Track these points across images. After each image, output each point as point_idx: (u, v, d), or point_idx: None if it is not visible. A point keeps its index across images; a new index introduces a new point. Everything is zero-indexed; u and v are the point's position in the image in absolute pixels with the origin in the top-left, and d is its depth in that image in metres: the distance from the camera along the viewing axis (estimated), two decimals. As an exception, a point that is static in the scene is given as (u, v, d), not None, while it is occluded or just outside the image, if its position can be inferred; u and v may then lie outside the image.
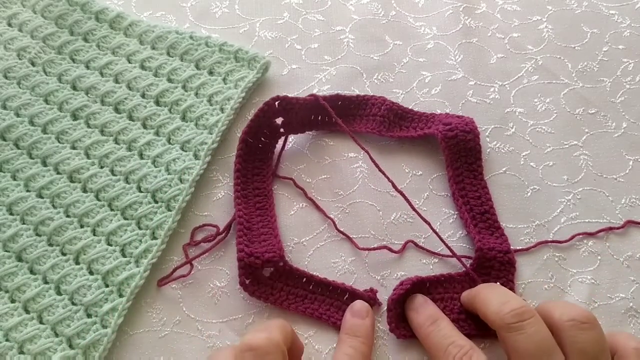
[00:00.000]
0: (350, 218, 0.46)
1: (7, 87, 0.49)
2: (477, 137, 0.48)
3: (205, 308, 0.42)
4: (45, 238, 0.43)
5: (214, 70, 0.51)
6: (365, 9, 0.58)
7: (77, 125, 0.48)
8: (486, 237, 0.44)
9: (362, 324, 0.40)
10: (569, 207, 0.47)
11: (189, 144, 0.47)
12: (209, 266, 0.44)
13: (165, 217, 0.44)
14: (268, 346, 0.32)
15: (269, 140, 0.48)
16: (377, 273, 0.44)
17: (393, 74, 0.54)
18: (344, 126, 0.46)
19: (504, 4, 0.58)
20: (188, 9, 0.57)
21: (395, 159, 0.49)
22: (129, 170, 0.46)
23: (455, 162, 0.47)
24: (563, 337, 0.35)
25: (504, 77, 0.54)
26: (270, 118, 0.47)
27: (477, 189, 0.46)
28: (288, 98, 0.47)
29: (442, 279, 0.43)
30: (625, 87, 0.53)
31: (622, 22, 0.57)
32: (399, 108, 0.50)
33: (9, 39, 0.51)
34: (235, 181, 0.46)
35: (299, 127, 0.49)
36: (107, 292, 0.41)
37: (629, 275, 0.44)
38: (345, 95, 0.50)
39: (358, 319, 0.40)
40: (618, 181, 0.48)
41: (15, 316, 0.40)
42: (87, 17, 0.53)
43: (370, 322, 0.40)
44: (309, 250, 0.45)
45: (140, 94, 0.50)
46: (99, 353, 0.39)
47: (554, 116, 0.51)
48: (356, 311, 0.40)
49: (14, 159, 0.46)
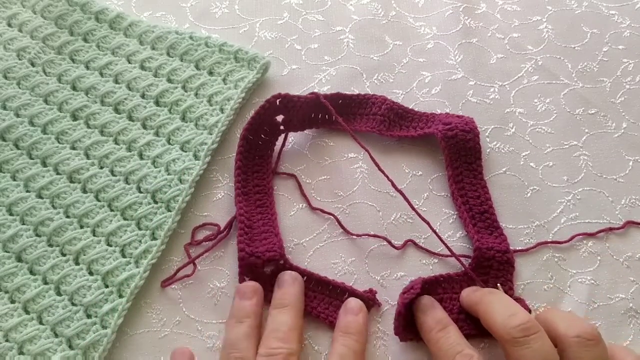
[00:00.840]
0: (350, 219, 0.46)
1: (7, 87, 0.49)
2: (477, 136, 0.48)
3: (205, 308, 0.42)
4: (45, 238, 0.43)
5: (213, 71, 0.51)
6: (365, 9, 0.57)
7: (77, 125, 0.48)
8: (485, 237, 0.44)
9: (355, 320, 0.40)
10: (568, 208, 0.47)
11: (188, 145, 0.47)
12: (209, 266, 0.44)
13: (165, 218, 0.44)
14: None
15: (269, 138, 0.48)
16: (377, 273, 0.44)
17: (393, 74, 0.54)
18: (344, 124, 0.46)
19: (504, 4, 0.58)
20: (188, 9, 0.57)
21: (395, 159, 0.49)
22: (128, 170, 0.46)
23: (455, 162, 0.47)
24: (568, 352, 0.35)
25: (504, 77, 0.54)
26: (271, 115, 0.47)
27: (477, 189, 0.47)
28: (289, 96, 0.47)
29: (441, 279, 0.43)
30: (625, 88, 0.53)
31: (622, 22, 0.57)
32: (400, 107, 0.50)
33: (8, 39, 0.51)
34: (236, 178, 0.46)
35: (300, 125, 0.49)
36: (107, 292, 0.41)
37: (628, 276, 0.44)
38: (346, 94, 0.50)
39: (351, 315, 0.40)
40: (618, 181, 0.48)
41: (15, 317, 0.40)
42: (87, 18, 0.53)
43: (362, 319, 0.40)
44: (308, 251, 0.45)
45: (140, 94, 0.50)
46: (98, 353, 0.39)
47: (553, 116, 0.51)
48: (349, 308, 0.41)
49: (13, 159, 0.46)
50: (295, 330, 0.38)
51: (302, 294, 0.41)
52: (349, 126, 0.49)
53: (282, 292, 0.41)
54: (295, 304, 0.40)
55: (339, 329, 0.40)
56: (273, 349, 0.37)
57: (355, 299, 0.41)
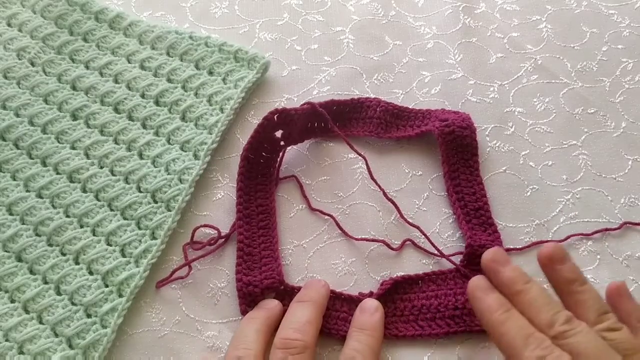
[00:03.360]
0: (350, 219, 0.46)
1: (6, 87, 0.49)
2: (473, 132, 0.48)
3: (205, 308, 0.42)
4: (45, 238, 0.43)
5: (213, 70, 0.51)
6: (365, 9, 0.58)
7: (76, 125, 0.48)
8: (478, 234, 0.44)
9: (370, 319, 0.40)
10: (568, 207, 0.47)
11: (188, 144, 0.47)
12: (209, 266, 0.44)
13: (164, 217, 0.44)
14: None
15: (270, 155, 0.47)
16: (377, 274, 0.44)
17: (393, 74, 0.54)
18: (341, 134, 0.46)
19: (504, 3, 0.58)
20: (188, 9, 0.57)
21: (395, 159, 0.49)
22: (128, 170, 0.46)
23: (451, 158, 0.47)
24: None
25: (504, 77, 0.54)
26: (270, 132, 0.46)
27: (473, 185, 0.47)
28: (287, 110, 0.45)
29: (434, 276, 0.43)
30: (625, 87, 0.53)
31: (621, 21, 0.57)
32: (395, 107, 0.50)
33: (8, 39, 0.51)
34: (237, 200, 0.45)
35: (299, 137, 0.48)
36: (107, 292, 0.41)
37: (628, 275, 0.44)
38: (339, 100, 0.50)
39: (367, 314, 0.40)
40: (617, 181, 0.48)
41: (15, 316, 0.40)
42: (86, 17, 0.53)
43: (379, 317, 0.40)
44: (308, 252, 0.45)
45: (140, 94, 0.50)
46: (98, 353, 0.39)
47: (553, 116, 0.52)
48: (365, 308, 0.40)
49: (13, 159, 0.46)
50: (312, 324, 0.38)
51: (327, 297, 0.41)
52: (346, 132, 0.49)
53: (307, 290, 0.41)
54: (317, 300, 0.40)
55: (354, 326, 0.40)
56: (289, 339, 0.37)
57: (372, 299, 0.41)
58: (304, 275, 0.44)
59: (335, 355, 0.41)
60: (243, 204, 0.45)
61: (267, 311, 0.40)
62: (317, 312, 0.39)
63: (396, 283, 0.42)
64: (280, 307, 0.41)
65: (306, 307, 0.39)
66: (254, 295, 0.41)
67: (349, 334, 0.39)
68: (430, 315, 0.42)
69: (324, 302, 0.40)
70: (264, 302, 0.41)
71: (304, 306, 0.39)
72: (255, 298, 0.41)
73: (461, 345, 0.41)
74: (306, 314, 0.39)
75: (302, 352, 0.36)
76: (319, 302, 0.40)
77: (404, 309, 0.42)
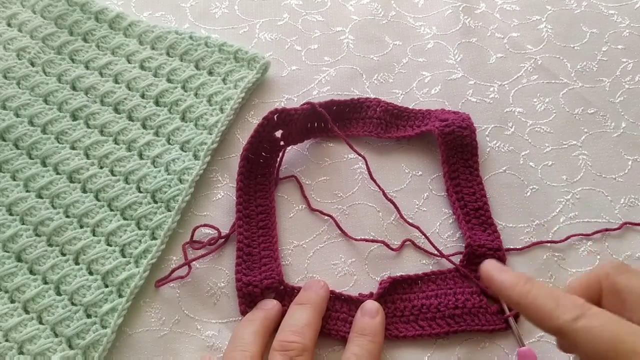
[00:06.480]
0: (349, 219, 0.46)
1: (6, 87, 0.49)
2: (473, 132, 0.48)
3: (205, 308, 0.42)
4: (44, 238, 0.43)
5: (213, 71, 0.51)
6: (364, 9, 0.58)
7: (76, 125, 0.48)
8: (478, 234, 0.44)
9: (371, 322, 0.40)
10: (568, 207, 0.47)
11: (188, 144, 0.47)
12: (208, 265, 0.44)
13: (164, 218, 0.44)
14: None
15: (269, 155, 0.47)
16: (377, 274, 0.44)
17: (393, 74, 0.54)
18: (341, 134, 0.46)
19: (504, 3, 0.58)
20: (188, 9, 0.57)
21: (395, 159, 0.49)
22: (128, 170, 0.46)
23: (451, 158, 0.47)
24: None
25: (504, 77, 0.54)
26: (270, 132, 0.46)
27: (472, 185, 0.47)
28: (286, 110, 0.46)
29: (434, 276, 0.43)
30: (625, 87, 0.53)
31: (621, 22, 0.57)
32: (394, 107, 0.50)
33: (8, 39, 0.51)
34: (237, 200, 0.45)
35: (298, 137, 0.48)
36: (107, 292, 0.41)
37: (628, 275, 0.44)
38: (339, 100, 0.50)
39: (368, 317, 0.40)
40: (617, 181, 0.48)
41: (15, 316, 0.40)
42: (86, 17, 0.53)
43: (379, 320, 0.40)
44: (308, 252, 0.45)
45: (140, 94, 0.50)
46: (98, 353, 0.39)
47: (553, 116, 0.52)
48: (366, 310, 0.40)
49: (13, 159, 0.46)
50: (311, 327, 0.38)
51: (326, 299, 0.41)
52: (346, 132, 0.49)
53: (306, 293, 0.41)
54: (316, 303, 0.40)
55: (354, 330, 0.40)
56: (288, 342, 0.37)
57: (373, 301, 0.41)
58: (304, 275, 0.44)
59: (335, 355, 0.41)
60: (243, 204, 0.45)
61: (265, 312, 0.40)
62: (316, 314, 0.39)
63: (395, 282, 0.42)
64: (278, 308, 0.41)
65: (305, 309, 0.39)
66: (254, 295, 0.41)
67: (350, 338, 0.39)
68: (430, 314, 0.42)
69: (323, 304, 0.41)
70: (262, 303, 0.41)
71: (303, 309, 0.39)
72: (255, 298, 0.41)
73: (461, 346, 0.41)
74: (305, 316, 0.39)
75: (301, 355, 0.36)
76: (318, 304, 0.40)
77: (404, 309, 0.42)
